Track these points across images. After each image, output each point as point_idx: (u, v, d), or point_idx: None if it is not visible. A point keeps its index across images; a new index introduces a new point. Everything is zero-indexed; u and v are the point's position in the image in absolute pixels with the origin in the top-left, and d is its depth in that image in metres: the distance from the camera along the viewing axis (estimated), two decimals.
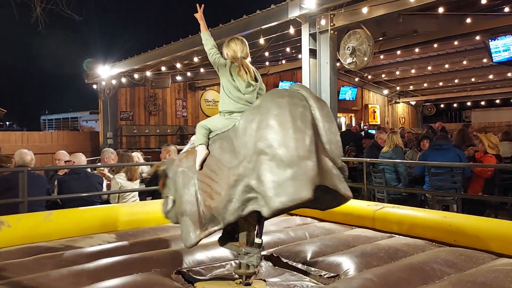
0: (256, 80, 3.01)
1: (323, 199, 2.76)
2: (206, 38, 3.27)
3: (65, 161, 5.92)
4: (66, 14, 6.03)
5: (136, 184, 5.65)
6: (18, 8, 5.95)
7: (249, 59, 3.12)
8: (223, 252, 3.48)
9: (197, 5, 3.20)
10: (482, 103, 17.99)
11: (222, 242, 3.12)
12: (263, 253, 3.60)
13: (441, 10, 6.41)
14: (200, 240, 2.84)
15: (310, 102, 2.70)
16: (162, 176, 3.18)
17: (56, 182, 5.27)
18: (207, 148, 2.95)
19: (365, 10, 5.77)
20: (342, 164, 2.76)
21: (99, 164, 6.18)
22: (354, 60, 6.11)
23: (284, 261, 3.47)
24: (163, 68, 10.92)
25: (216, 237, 3.18)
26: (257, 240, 2.97)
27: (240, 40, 3.09)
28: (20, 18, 6.11)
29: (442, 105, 19.33)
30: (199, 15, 3.26)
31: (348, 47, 6.11)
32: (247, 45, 3.12)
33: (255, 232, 2.99)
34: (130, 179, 5.52)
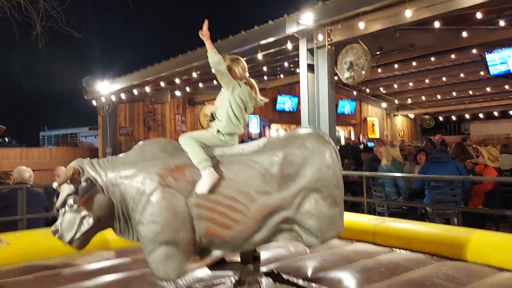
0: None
1: None
2: (213, 55, 2.94)
3: None
4: (66, 31, 6.10)
5: None
6: (18, 26, 6.02)
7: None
8: (223, 269, 3.45)
9: (205, 20, 2.91)
10: (481, 115, 18.05)
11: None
12: (263, 269, 3.59)
13: (437, 24, 6.47)
14: (190, 272, 2.72)
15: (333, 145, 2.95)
16: (88, 189, 2.63)
17: (55, 198, 5.25)
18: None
19: (361, 25, 5.84)
20: None
21: None
22: (351, 74, 6.16)
23: (285, 277, 3.45)
24: (162, 84, 10.98)
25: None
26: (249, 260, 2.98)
27: (240, 59, 3.11)
28: (20, 35, 6.17)
29: (440, 118, 19.39)
30: (205, 34, 2.92)
31: (346, 62, 6.16)
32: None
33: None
34: None
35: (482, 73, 11.95)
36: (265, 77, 11.78)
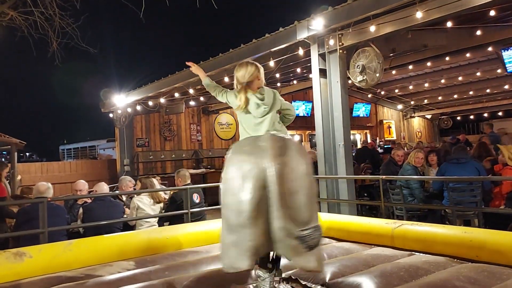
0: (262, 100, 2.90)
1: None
2: (207, 83, 3.40)
3: (88, 191, 6.06)
4: (82, 47, 6.25)
5: (158, 207, 5.79)
6: (35, 43, 6.18)
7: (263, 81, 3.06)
8: (241, 276, 3.47)
9: (188, 63, 3.47)
10: (500, 113, 17.73)
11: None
12: (282, 275, 3.58)
13: (449, 24, 6.41)
14: None
15: (266, 160, 2.44)
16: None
17: (81, 210, 5.36)
18: None
19: (372, 28, 5.82)
20: (300, 234, 2.42)
21: (117, 192, 6.27)
22: (364, 78, 6.14)
23: (303, 283, 3.44)
24: (177, 94, 11.11)
25: None
26: (268, 265, 2.86)
27: (241, 64, 3.03)
28: (37, 52, 6.34)
29: (458, 118, 19.12)
30: (193, 68, 3.43)
31: (358, 65, 6.14)
32: (254, 66, 3.02)
33: (270, 256, 2.96)
34: (155, 201, 5.78)
35: (499, 70, 11.76)
36: (278, 84, 11.80)
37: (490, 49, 9.34)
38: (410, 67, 10.99)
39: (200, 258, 4.14)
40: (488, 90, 15.06)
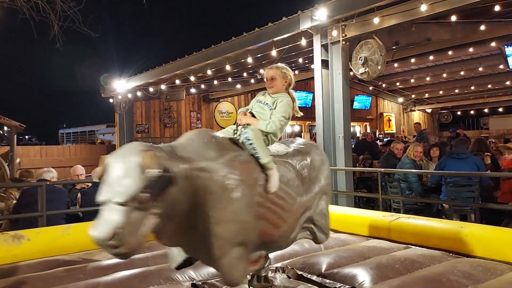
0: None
1: None
2: (263, 126, 2.68)
3: (86, 176, 6.06)
4: (83, 31, 6.20)
5: None
6: (36, 26, 6.13)
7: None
8: None
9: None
10: (500, 109, 17.70)
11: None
12: (278, 265, 3.61)
13: (453, 18, 6.37)
14: (249, 273, 2.81)
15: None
16: (167, 181, 2.04)
17: (79, 195, 5.38)
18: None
19: (376, 20, 5.78)
20: None
21: None
22: (366, 70, 6.11)
23: (299, 273, 3.47)
24: (177, 81, 11.07)
25: None
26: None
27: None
28: (38, 36, 6.29)
29: (459, 112, 19.09)
30: (246, 118, 2.71)
31: (360, 57, 6.11)
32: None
33: None
34: None
35: (501, 66, 11.71)
36: None
37: (493, 44, 9.28)
38: (413, 60, 10.94)
39: None
40: (489, 86, 15.01)
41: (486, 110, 18.36)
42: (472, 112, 19.27)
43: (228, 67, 8.80)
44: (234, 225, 2.28)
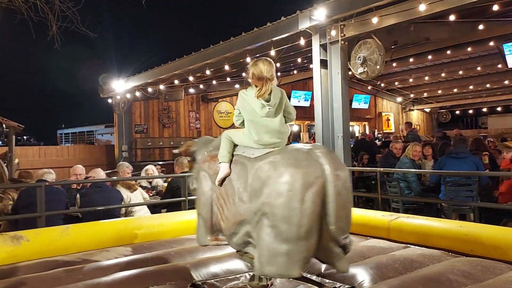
0: (268, 101, 2.78)
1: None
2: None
3: (85, 177, 6.04)
4: (82, 31, 6.18)
5: (135, 195, 5.76)
6: (35, 26, 6.11)
7: (275, 81, 2.97)
8: (237, 264, 3.50)
9: None
10: (499, 109, 17.74)
11: (240, 252, 3.11)
12: None
13: (452, 17, 6.38)
14: (208, 244, 3.06)
15: (327, 173, 2.47)
16: (191, 158, 3.36)
17: (78, 195, 5.37)
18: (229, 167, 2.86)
19: (375, 20, 5.79)
20: (345, 242, 2.56)
21: (114, 178, 6.27)
22: (365, 69, 6.11)
23: None
24: (176, 81, 11.06)
25: (230, 249, 3.19)
26: None
27: (264, 60, 2.90)
28: (37, 36, 6.27)
29: (457, 112, 19.12)
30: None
31: (359, 57, 6.11)
32: (273, 65, 2.89)
33: None
34: (130, 191, 5.70)
35: (500, 65, 11.73)
36: (279, 73, 11.77)
37: (491, 43, 9.30)
38: (411, 60, 10.96)
39: (196, 245, 4.16)
40: (488, 85, 15.04)
41: (484, 110, 18.38)
42: (470, 111, 19.30)
43: (226, 67, 8.79)
44: (197, 195, 3.16)
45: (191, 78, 10.35)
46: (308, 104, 15.20)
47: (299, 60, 9.44)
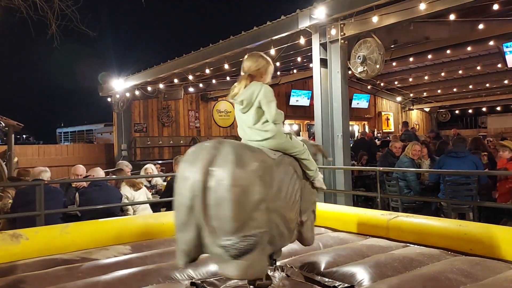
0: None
1: None
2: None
3: (84, 176, 6.04)
4: (81, 30, 6.17)
5: (139, 193, 5.76)
6: (34, 25, 6.11)
7: (268, 77, 2.92)
8: None
9: None
10: (498, 108, 17.75)
11: None
12: (277, 263, 3.61)
13: (452, 17, 6.38)
14: None
15: (196, 170, 2.46)
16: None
17: (77, 194, 5.37)
18: None
19: (375, 19, 5.79)
20: (224, 244, 2.42)
21: (114, 176, 6.27)
22: (365, 69, 6.11)
23: (298, 272, 3.46)
24: (176, 80, 11.05)
25: None
26: None
27: (253, 55, 2.90)
28: (36, 34, 6.27)
29: (457, 111, 19.13)
30: None
31: (359, 56, 6.12)
32: (265, 62, 2.87)
33: None
34: (134, 189, 5.71)
35: (499, 65, 11.74)
36: (278, 73, 11.77)
37: (491, 43, 9.32)
38: (411, 59, 10.97)
39: None
40: (487, 85, 15.05)
41: (484, 109, 18.40)
42: (470, 110, 19.32)
43: (226, 66, 8.79)
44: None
45: (190, 77, 10.34)
46: (307, 104, 15.20)
47: (299, 59, 9.44)
